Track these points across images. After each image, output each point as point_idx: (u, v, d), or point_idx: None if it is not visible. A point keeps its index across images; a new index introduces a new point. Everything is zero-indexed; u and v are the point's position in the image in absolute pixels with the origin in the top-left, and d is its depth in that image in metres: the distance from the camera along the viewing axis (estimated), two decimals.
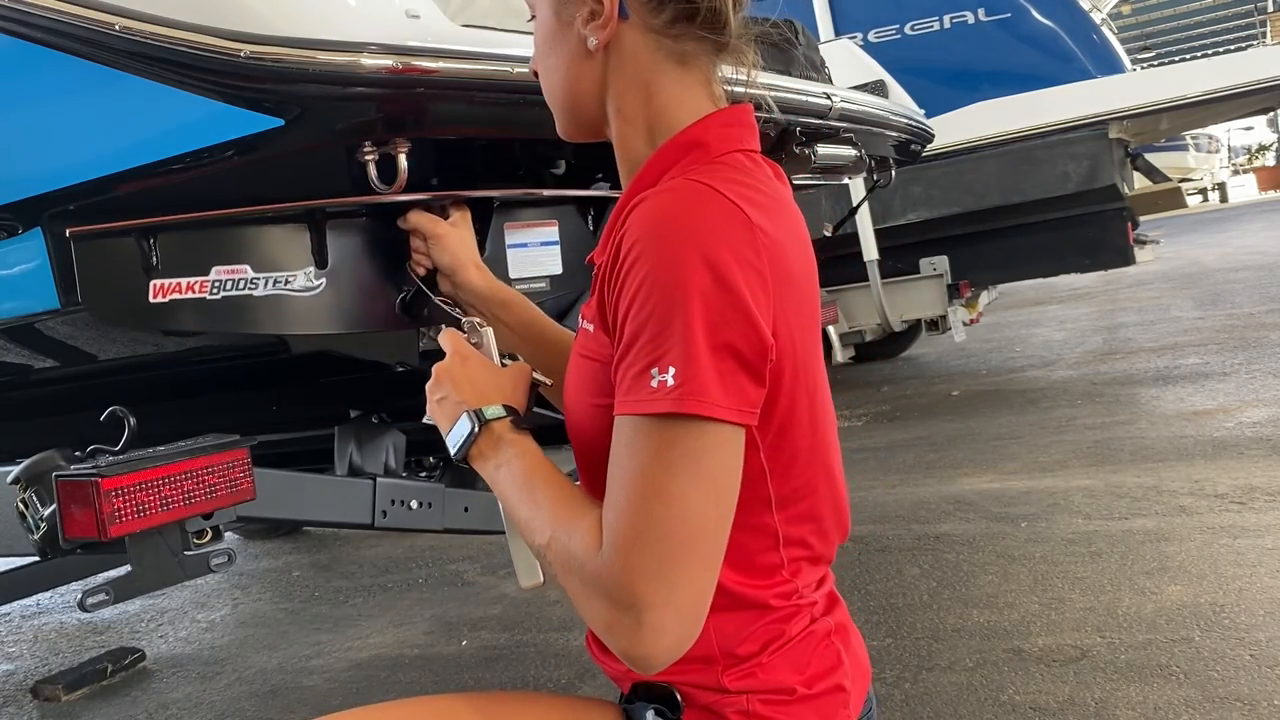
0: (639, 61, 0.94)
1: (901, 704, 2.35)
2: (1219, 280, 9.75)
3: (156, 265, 1.40)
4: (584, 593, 0.83)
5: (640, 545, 0.79)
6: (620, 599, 0.79)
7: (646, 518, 0.79)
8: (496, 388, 1.01)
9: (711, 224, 0.82)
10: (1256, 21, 17.41)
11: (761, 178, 0.93)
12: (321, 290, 1.49)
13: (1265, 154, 31.09)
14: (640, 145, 0.97)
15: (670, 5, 0.92)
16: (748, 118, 0.99)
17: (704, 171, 0.89)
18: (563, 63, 0.98)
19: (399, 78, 1.27)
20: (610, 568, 0.80)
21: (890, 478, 4.42)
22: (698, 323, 0.78)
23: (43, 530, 1.48)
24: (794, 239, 0.91)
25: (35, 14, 1.32)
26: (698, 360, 0.78)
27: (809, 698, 0.93)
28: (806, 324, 0.90)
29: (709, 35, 0.94)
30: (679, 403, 0.78)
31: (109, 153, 1.37)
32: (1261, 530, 3.10)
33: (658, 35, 0.93)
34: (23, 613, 4.23)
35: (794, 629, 0.94)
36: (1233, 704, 2.14)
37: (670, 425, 0.79)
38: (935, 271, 6.02)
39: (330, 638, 3.42)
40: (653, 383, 0.79)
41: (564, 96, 1.00)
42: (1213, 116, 7.07)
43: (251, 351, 1.90)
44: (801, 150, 2.26)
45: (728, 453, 0.81)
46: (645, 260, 0.81)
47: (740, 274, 0.80)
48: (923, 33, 5.93)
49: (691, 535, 0.79)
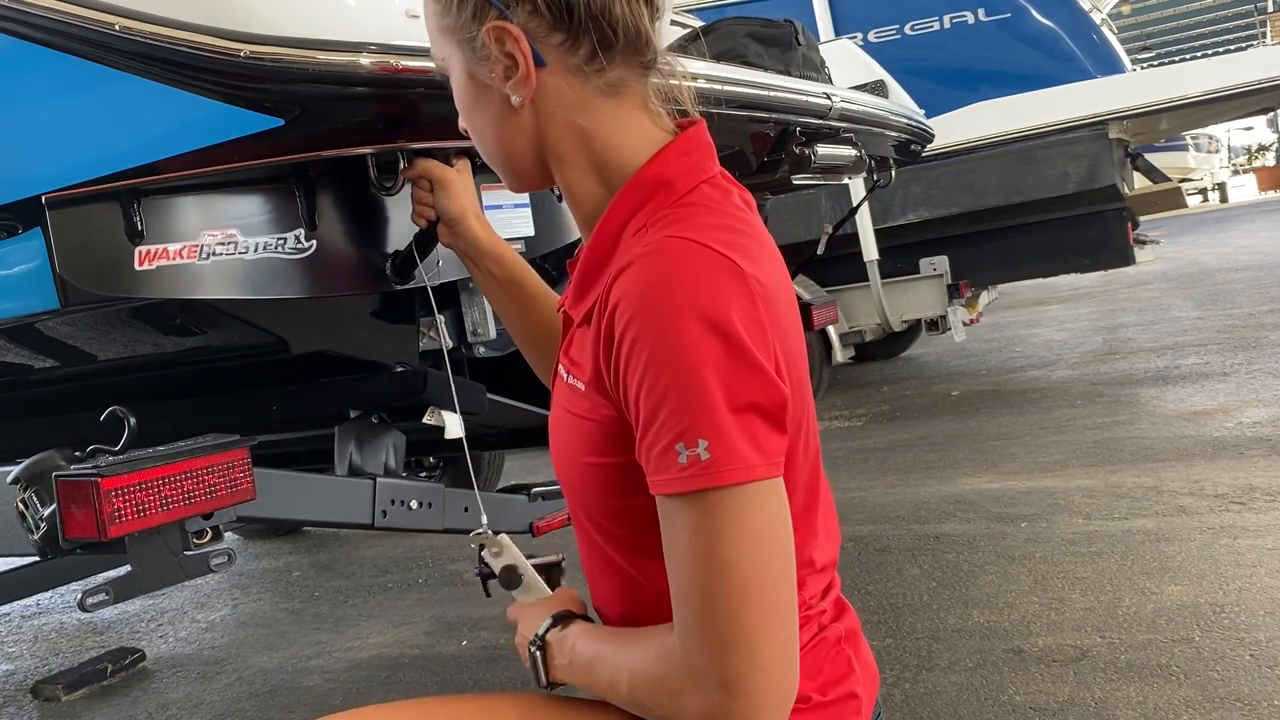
0: (567, 104, 0.90)
1: (901, 704, 2.35)
2: (1219, 280, 9.75)
3: (141, 231, 1.37)
4: (675, 701, 0.82)
5: (710, 623, 0.79)
6: (706, 684, 0.79)
7: (708, 595, 0.78)
8: (538, 613, 1.04)
9: (706, 284, 0.79)
10: (1256, 21, 17.41)
11: (734, 210, 0.90)
12: (312, 252, 1.48)
13: (1265, 154, 31.08)
14: (592, 188, 0.93)
15: (586, 38, 0.87)
16: (703, 137, 0.94)
17: (680, 221, 0.85)
18: (490, 124, 0.94)
19: (399, 78, 1.27)
20: (688, 657, 0.80)
21: (890, 478, 4.42)
22: (715, 389, 0.77)
23: (43, 530, 1.48)
24: (777, 272, 0.89)
25: (35, 14, 1.31)
26: (724, 427, 0.77)
27: (823, 705, 0.93)
28: (797, 355, 0.89)
29: (634, 58, 0.90)
30: (716, 475, 0.77)
31: (109, 153, 1.37)
32: (1261, 530, 3.10)
33: (580, 73, 0.89)
34: (23, 613, 4.23)
35: (803, 638, 0.93)
36: (1233, 704, 2.14)
37: (710, 496, 0.78)
38: (935, 271, 6.02)
39: (330, 638, 3.42)
40: (681, 458, 0.78)
41: (501, 158, 0.97)
42: (1213, 116, 7.07)
43: (251, 351, 1.90)
44: (801, 150, 2.26)
45: (772, 505, 0.80)
46: (647, 336, 0.79)
47: (745, 330, 0.79)
48: (923, 33, 5.93)
49: (757, 596, 0.78)
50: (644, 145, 0.91)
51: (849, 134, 2.46)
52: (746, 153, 2.24)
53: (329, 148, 1.40)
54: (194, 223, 1.42)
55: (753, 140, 2.20)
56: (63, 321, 1.78)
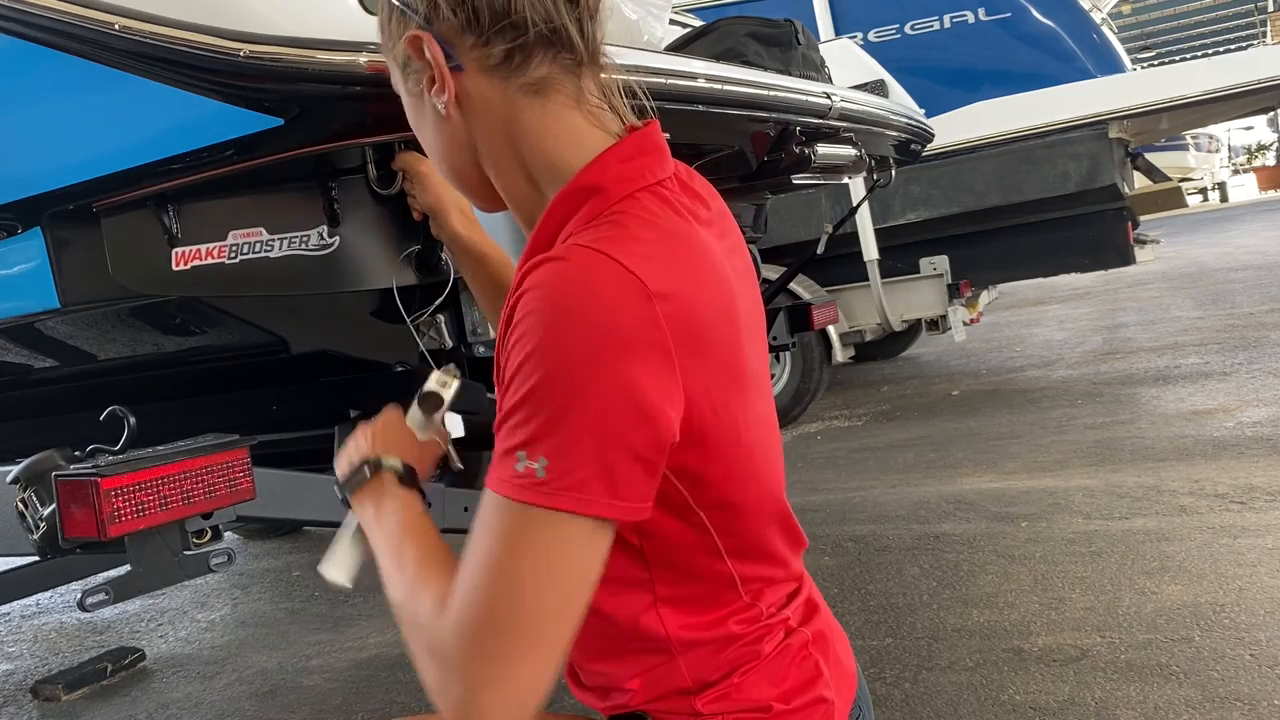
0: (492, 107, 0.87)
1: (901, 704, 2.35)
2: (1219, 280, 9.75)
3: (178, 234, 1.44)
4: (422, 654, 0.80)
5: (479, 624, 0.76)
6: (451, 670, 0.77)
7: (492, 598, 0.76)
8: (402, 448, 1.01)
9: (604, 305, 0.76)
10: (1256, 21, 17.40)
11: (670, 221, 0.85)
12: (335, 249, 1.51)
13: (1265, 154, 31.07)
14: (526, 191, 0.91)
15: (498, 38, 0.85)
16: (651, 140, 0.90)
17: (601, 231, 0.82)
18: (431, 138, 0.93)
19: None
20: (447, 636, 0.78)
21: (890, 478, 4.42)
22: (580, 416, 0.75)
23: (42, 530, 1.48)
24: (709, 284, 0.84)
25: (35, 14, 1.32)
26: (570, 453, 0.75)
27: (786, 713, 0.92)
28: (733, 374, 0.85)
29: (557, 55, 0.87)
30: (547, 496, 0.75)
31: (108, 152, 1.37)
32: (1261, 530, 3.10)
33: (502, 74, 0.86)
34: (23, 613, 4.23)
35: (767, 647, 0.93)
36: (1233, 704, 2.14)
37: (530, 512, 0.75)
38: (935, 271, 6.02)
39: (330, 638, 3.42)
40: (519, 465, 0.75)
41: (450, 172, 0.95)
42: (1213, 116, 7.06)
43: (251, 351, 1.90)
44: (801, 150, 2.26)
45: (586, 547, 0.77)
46: (532, 337, 0.76)
47: (636, 359, 0.76)
48: (923, 32, 5.93)
49: (531, 628, 0.76)
50: (580, 147, 0.88)
51: (849, 134, 2.46)
52: (746, 152, 2.24)
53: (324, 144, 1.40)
54: (222, 224, 1.47)
55: (753, 140, 2.20)
56: (63, 321, 1.78)
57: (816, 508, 4.07)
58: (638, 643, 0.92)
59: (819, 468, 4.72)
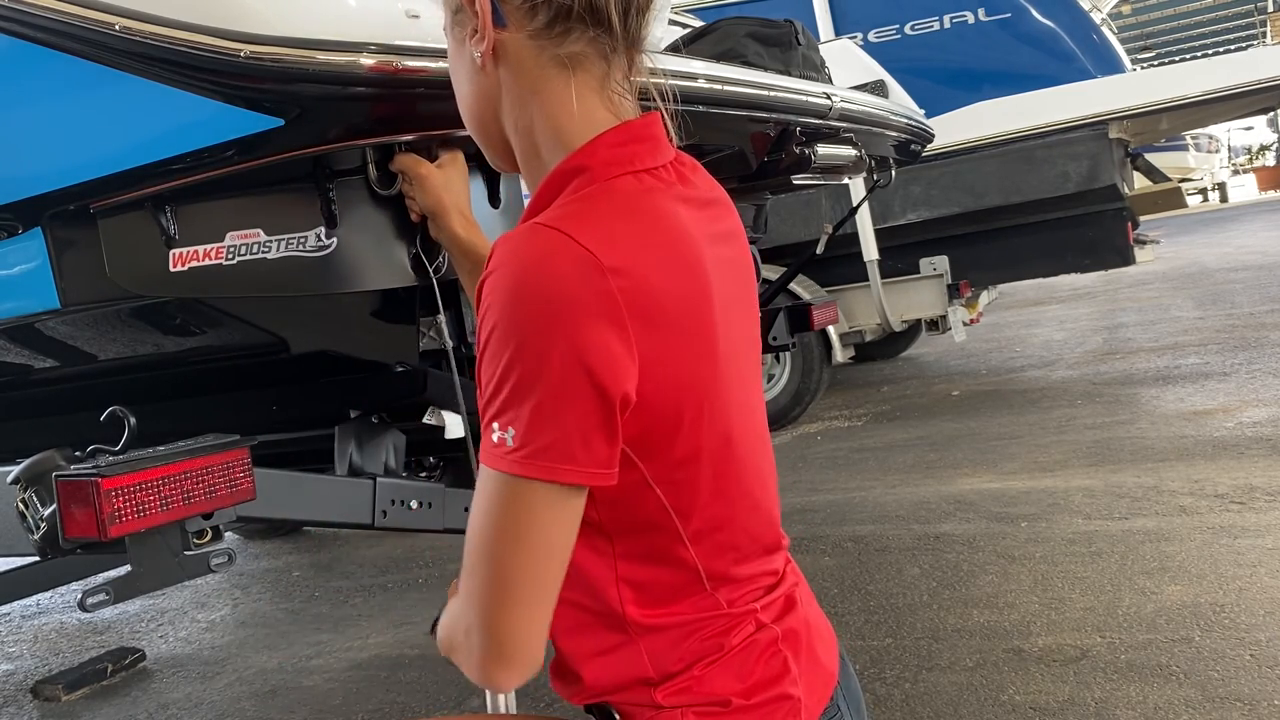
0: (524, 70, 0.90)
1: (901, 704, 2.35)
2: (1219, 280, 9.75)
3: (175, 235, 1.44)
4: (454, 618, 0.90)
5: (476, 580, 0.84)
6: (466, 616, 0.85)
7: (485, 560, 0.83)
8: None
9: (556, 278, 0.79)
10: (1256, 21, 17.40)
11: (647, 204, 0.88)
12: (333, 250, 1.50)
13: (1265, 154, 31.07)
14: (534, 158, 0.94)
15: (544, 6, 0.87)
16: (648, 131, 0.92)
17: (567, 209, 0.85)
18: (463, 85, 0.96)
19: (399, 78, 1.27)
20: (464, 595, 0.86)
21: (890, 478, 4.42)
22: (540, 385, 0.78)
23: (43, 530, 1.48)
24: (676, 265, 0.86)
25: (35, 14, 1.32)
26: (533, 423, 0.79)
27: (745, 709, 0.91)
28: (700, 354, 0.87)
29: (595, 34, 0.89)
30: (516, 464, 0.80)
31: (109, 153, 1.37)
32: (1261, 530, 3.10)
33: (540, 40, 0.89)
34: (23, 613, 4.23)
35: (734, 640, 0.93)
36: (1233, 704, 2.14)
37: (505, 479, 0.81)
38: (935, 271, 6.02)
39: (330, 638, 3.42)
40: (494, 436, 0.81)
41: (472, 122, 0.97)
42: (1213, 116, 7.07)
43: (251, 351, 1.90)
44: (801, 150, 2.26)
45: (556, 509, 0.82)
46: (494, 313, 0.80)
47: (588, 328, 0.79)
48: (923, 33, 5.93)
49: (517, 583, 0.82)
50: (587, 126, 0.90)
51: (849, 134, 2.46)
52: (746, 153, 2.24)
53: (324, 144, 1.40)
54: (220, 225, 1.46)
55: (753, 140, 2.20)
56: (63, 321, 1.78)
57: (816, 508, 4.07)
58: (601, 618, 0.93)
59: (819, 468, 4.72)
